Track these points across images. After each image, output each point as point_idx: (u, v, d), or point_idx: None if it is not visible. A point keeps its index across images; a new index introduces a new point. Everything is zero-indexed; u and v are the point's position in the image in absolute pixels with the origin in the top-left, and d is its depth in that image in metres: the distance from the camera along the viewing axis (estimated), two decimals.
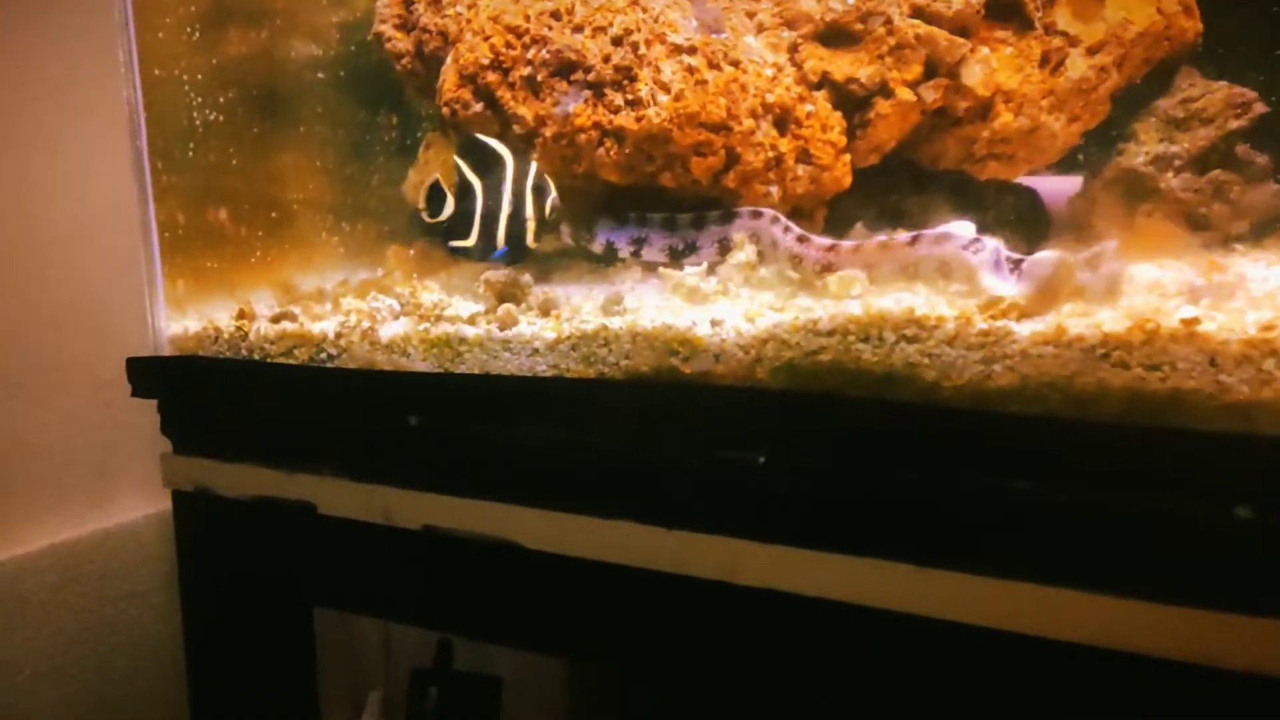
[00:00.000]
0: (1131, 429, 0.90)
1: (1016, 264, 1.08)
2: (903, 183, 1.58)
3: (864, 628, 0.99)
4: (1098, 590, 0.87)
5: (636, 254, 1.52)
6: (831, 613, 0.99)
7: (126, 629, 1.90)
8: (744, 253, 1.36)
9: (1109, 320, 0.94)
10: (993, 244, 1.10)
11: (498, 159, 1.41)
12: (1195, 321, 0.91)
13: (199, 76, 1.56)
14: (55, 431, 1.80)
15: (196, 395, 1.48)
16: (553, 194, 1.41)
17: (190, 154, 1.56)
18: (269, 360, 1.40)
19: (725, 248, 1.42)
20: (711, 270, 1.36)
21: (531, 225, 1.42)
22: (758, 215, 1.41)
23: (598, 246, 1.55)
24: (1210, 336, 0.90)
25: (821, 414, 1.03)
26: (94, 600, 1.84)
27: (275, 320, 1.42)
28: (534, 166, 1.41)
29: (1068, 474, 0.91)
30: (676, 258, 1.47)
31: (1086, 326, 0.94)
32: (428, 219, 1.44)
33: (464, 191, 1.43)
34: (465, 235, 1.43)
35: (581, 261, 1.62)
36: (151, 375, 1.48)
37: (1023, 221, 1.60)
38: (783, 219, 1.39)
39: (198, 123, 1.56)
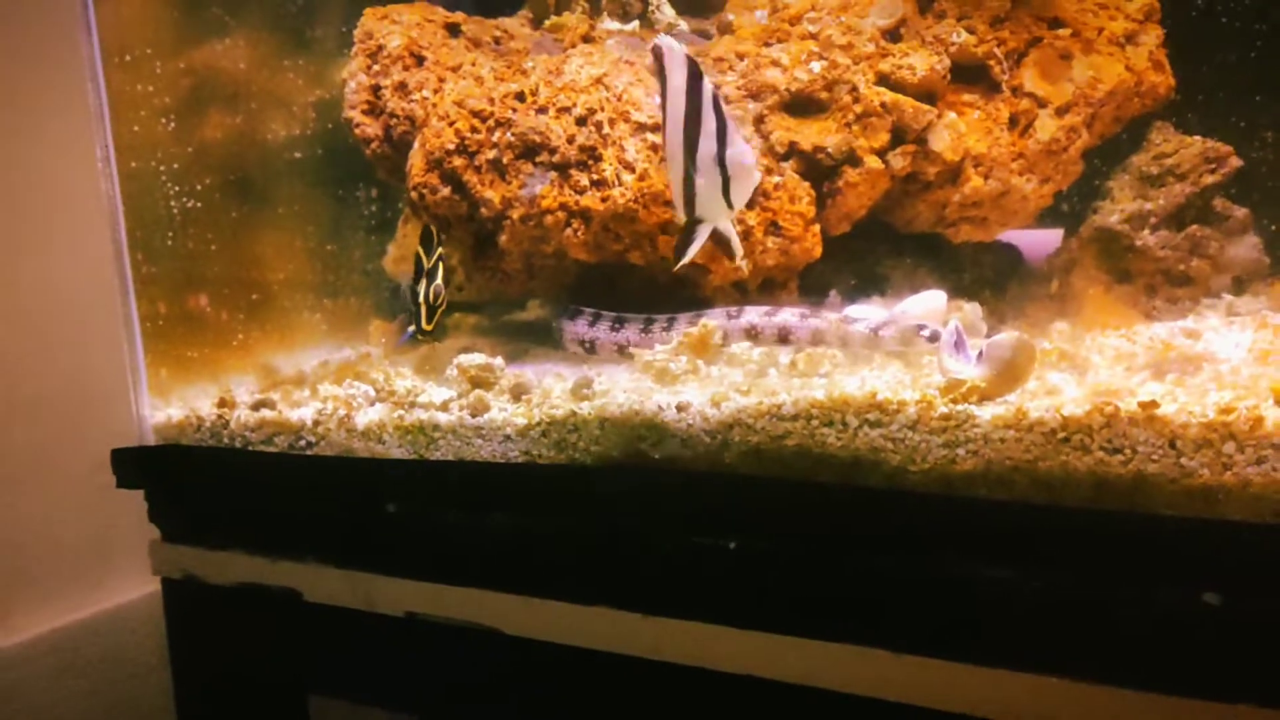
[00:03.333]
0: (1096, 514, 0.90)
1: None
2: (878, 248, 1.58)
3: (841, 715, 0.98)
4: (1067, 677, 0.88)
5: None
6: (808, 699, 0.99)
7: (132, 711, 1.89)
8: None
9: (1069, 404, 0.94)
10: (953, 324, 1.09)
11: (430, 241, 1.44)
12: (1154, 405, 0.91)
13: (175, 165, 1.58)
14: (53, 518, 1.81)
15: (180, 484, 1.49)
16: (436, 281, 1.41)
17: (169, 242, 1.57)
18: (250, 448, 1.40)
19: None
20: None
21: (423, 310, 1.42)
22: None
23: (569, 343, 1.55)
24: (1169, 420, 0.90)
25: (790, 500, 1.03)
26: (97, 683, 1.84)
27: (255, 408, 1.43)
28: (438, 251, 1.43)
29: (1040, 560, 0.91)
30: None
31: (1046, 410, 0.94)
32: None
33: (415, 277, 1.46)
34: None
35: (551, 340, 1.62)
36: (136, 465, 1.49)
37: (1003, 281, 1.59)
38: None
39: (175, 211, 1.57)
